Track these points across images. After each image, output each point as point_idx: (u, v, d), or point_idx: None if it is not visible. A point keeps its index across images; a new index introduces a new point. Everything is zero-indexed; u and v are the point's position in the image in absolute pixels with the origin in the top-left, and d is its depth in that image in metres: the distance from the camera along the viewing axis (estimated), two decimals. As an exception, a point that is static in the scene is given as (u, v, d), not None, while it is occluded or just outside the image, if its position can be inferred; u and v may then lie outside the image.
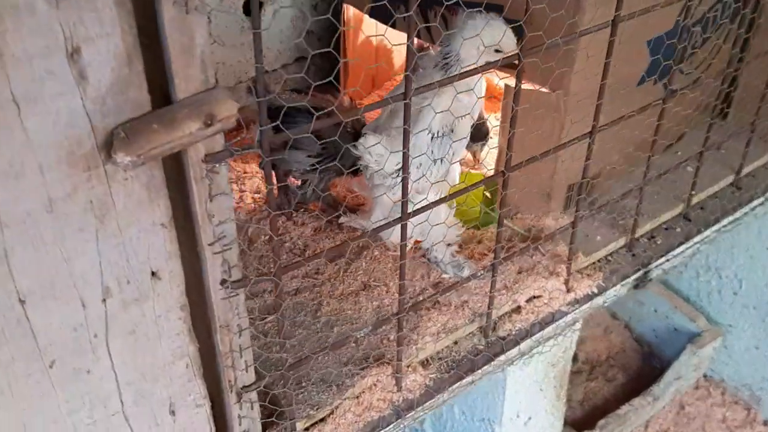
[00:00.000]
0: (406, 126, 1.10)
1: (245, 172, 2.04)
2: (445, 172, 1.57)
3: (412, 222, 1.49)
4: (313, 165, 1.68)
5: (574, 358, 3.04)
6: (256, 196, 1.95)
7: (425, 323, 1.56)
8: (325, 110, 1.74)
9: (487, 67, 1.26)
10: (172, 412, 1.15)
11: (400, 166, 1.52)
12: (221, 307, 1.10)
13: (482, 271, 1.51)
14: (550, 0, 1.44)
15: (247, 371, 1.21)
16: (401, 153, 1.47)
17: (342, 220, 1.78)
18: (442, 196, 1.60)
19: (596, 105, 1.46)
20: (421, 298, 1.61)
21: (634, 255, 1.85)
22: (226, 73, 2.20)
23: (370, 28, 2.25)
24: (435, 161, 1.53)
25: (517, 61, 1.51)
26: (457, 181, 1.66)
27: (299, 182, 1.81)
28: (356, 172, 1.68)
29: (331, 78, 1.20)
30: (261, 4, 2.19)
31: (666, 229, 1.93)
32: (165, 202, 0.95)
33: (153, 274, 0.99)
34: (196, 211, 0.99)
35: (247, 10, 2.16)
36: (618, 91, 1.73)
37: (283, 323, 1.19)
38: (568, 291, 1.70)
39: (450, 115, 1.50)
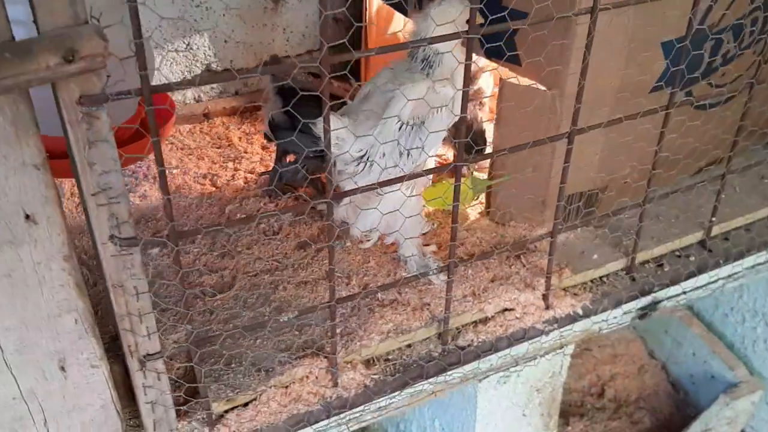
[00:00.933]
0: (320, 93, 1.03)
1: (245, 152, 2.02)
2: (414, 166, 1.48)
3: (375, 212, 1.42)
4: (317, 151, 1.63)
5: (600, 394, 2.84)
6: (248, 176, 1.92)
7: (376, 320, 1.47)
8: (339, 98, 1.70)
9: (440, 39, 1.16)
10: (62, 368, 1.12)
11: (362, 152, 1.44)
12: (112, 264, 1.06)
13: (434, 270, 1.41)
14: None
15: (149, 338, 1.16)
16: (364, 139, 1.41)
17: (320, 206, 1.71)
18: (415, 192, 1.51)
19: (575, 105, 1.32)
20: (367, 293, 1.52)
21: (633, 279, 1.68)
22: (246, 53, 2.19)
23: (400, 23, 2.19)
24: (402, 153, 1.44)
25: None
26: (429, 180, 1.56)
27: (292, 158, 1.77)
28: None
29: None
30: (287, -13, 2.17)
31: (678, 256, 1.75)
32: (35, 141, 0.92)
33: (27, 217, 0.96)
34: (76, 158, 0.96)
35: (271, -9, 2.15)
36: (628, 98, 1.59)
37: (184, 292, 1.13)
38: (547, 308, 1.56)
39: (423, 105, 1.41)
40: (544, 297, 1.55)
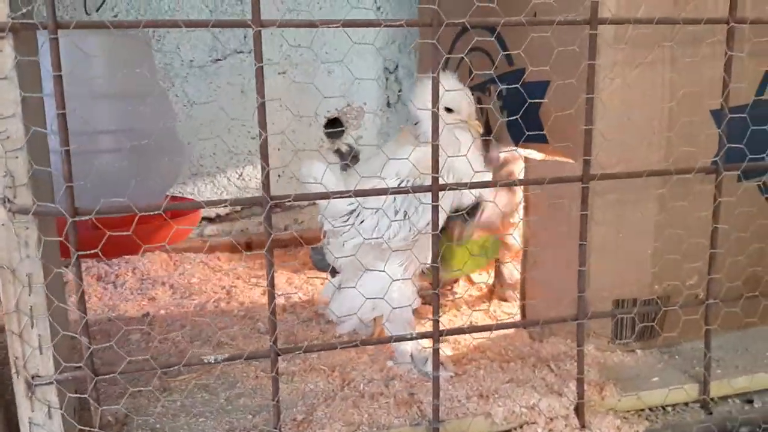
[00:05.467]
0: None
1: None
2: (408, 237, 1.27)
3: (352, 293, 1.22)
4: None
5: None
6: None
7: (347, 408, 1.17)
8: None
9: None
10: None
11: (352, 207, 1.28)
12: (3, 236, 0.93)
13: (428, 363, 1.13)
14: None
15: (41, 353, 0.98)
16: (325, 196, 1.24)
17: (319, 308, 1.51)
18: (407, 273, 1.29)
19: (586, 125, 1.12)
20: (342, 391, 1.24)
21: (710, 413, 1.27)
22: (299, 189, 2.17)
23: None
24: (398, 211, 1.26)
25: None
26: (428, 261, 1.34)
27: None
28: None
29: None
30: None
31: (775, 394, 1.32)
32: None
33: None
34: (-27, 94, 0.89)
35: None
36: (681, 180, 1.34)
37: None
38: (582, 426, 1.19)
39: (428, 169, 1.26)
40: (578, 410, 1.19)
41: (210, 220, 2.17)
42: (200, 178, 2.10)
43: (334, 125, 2.17)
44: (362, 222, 1.27)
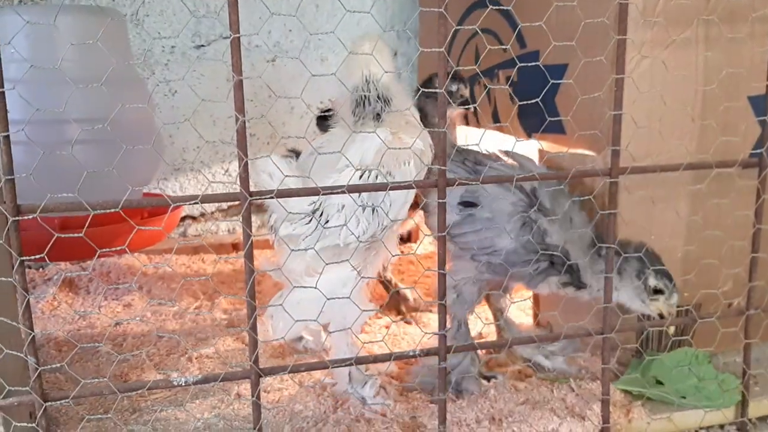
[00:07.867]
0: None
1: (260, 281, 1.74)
2: (377, 229, 1.10)
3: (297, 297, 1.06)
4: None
5: None
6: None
7: (340, 436, 1.03)
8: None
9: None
10: None
11: (313, 205, 1.11)
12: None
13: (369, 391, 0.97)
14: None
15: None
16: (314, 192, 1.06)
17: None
18: (365, 272, 1.13)
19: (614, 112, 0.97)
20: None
21: (748, 437, 1.13)
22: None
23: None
24: (365, 208, 1.10)
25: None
26: (392, 255, 1.17)
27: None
28: None
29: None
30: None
31: (820, 414, 1.18)
32: None
33: None
34: None
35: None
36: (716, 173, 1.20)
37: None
38: (608, 454, 1.04)
39: (389, 155, 1.08)
40: (602, 436, 1.05)
41: (193, 218, 2.02)
42: (183, 174, 1.95)
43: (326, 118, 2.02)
44: (327, 222, 1.09)
